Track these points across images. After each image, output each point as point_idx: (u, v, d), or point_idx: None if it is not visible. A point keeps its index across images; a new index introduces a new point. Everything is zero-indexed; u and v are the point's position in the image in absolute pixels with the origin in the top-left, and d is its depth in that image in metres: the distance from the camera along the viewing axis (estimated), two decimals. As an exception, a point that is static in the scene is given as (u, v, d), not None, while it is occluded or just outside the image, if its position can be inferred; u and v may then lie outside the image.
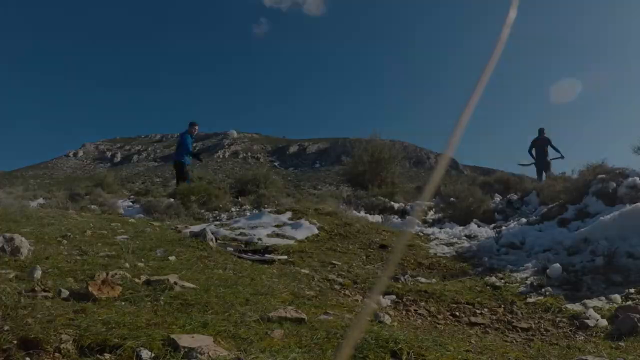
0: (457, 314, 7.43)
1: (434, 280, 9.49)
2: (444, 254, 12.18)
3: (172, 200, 22.59)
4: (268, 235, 11.80)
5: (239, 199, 24.93)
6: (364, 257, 10.92)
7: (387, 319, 6.18)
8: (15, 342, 3.50)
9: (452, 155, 0.93)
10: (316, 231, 12.55)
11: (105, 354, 3.43)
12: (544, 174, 27.27)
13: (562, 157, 27.91)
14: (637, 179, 13.92)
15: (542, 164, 27.93)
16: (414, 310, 7.48)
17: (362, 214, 18.75)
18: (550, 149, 28.36)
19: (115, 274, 5.77)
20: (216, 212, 21.99)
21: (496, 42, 1.00)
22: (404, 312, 7.34)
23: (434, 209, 21.96)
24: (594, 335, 6.42)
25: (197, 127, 25.38)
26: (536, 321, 7.20)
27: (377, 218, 18.77)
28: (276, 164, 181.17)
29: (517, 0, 1.06)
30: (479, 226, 17.54)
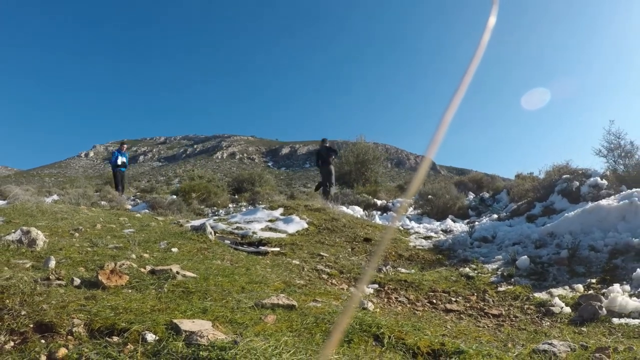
0: (434, 301, 7.44)
1: (413, 270, 9.51)
2: (422, 246, 12.20)
3: (174, 197, 22.57)
4: (262, 229, 11.80)
5: (236, 196, 24.91)
6: (350, 250, 10.93)
7: (370, 306, 6.19)
8: (31, 325, 3.50)
9: (434, 156, 0.93)
10: (306, 225, 12.56)
11: (113, 336, 3.43)
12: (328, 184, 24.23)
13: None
14: (598, 179, 14.03)
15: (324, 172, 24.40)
16: (395, 298, 7.49)
17: (348, 210, 18.75)
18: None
19: (123, 264, 5.76)
20: (215, 208, 22.01)
21: (477, 46, 1.00)
22: (385, 300, 7.35)
23: (413, 206, 22.03)
24: (559, 321, 6.44)
25: (125, 146, 26.57)
26: (506, 308, 7.22)
27: (361, 213, 18.79)
28: (270, 164, 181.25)
29: (497, 8, 1.06)
30: (454, 221, 17.67)
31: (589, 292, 7.54)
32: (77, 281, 4.83)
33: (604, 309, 6.35)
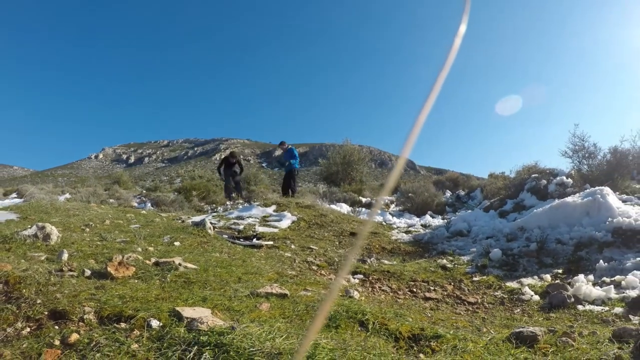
0: (415, 290, 7.46)
1: (395, 262, 9.53)
2: (403, 240, 12.23)
3: (177, 195, 22.53)
4: (257, 225, 11.80)
5: (233, 194, 24.90)
6: (337, 243, 10.94)
7: (356, 295, 6.20)
8: (46, 313, 3.50)
9: (408, 156, 0.93)
10: (297, 221, 12.57)
11: (121, 323, 3.43)
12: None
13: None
14: (564, 177, 14.11)
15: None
16: (379, 287, 7.50)
17: (336, 207, 18.76)
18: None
19: (130, 256, 5.76)
20: (214, 205, 21.97)
21: (448, 51, 1.00)
22: (370, 289, 7.37)
23: (395, 203, 22.07)
24: (529, 308, 6.48)
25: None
26: (480, 296, 7.25)
27: (348, 209, 18.81)
28: (264, 165, 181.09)
29: (467, 17, 1.06)
30: (432, 217, 17.73)
31: (556, 281, 7.58)
32: (88, 272, 4.83)
33: (571, 296, 6.39)
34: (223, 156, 21.79)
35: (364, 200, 22.30)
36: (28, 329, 3.32)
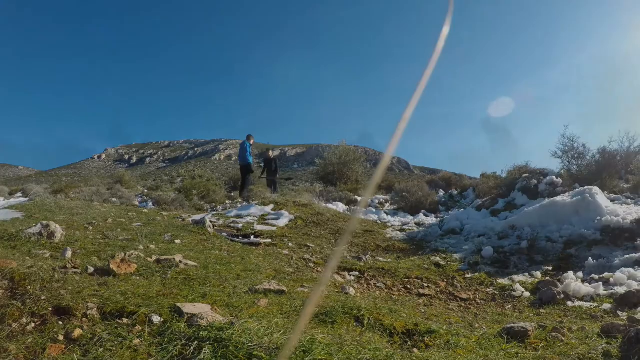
0: (409, 286, 7.47)
1: (389, 259, 9.53)
2: (398, 238, 12.22)
3: (178, 194, 22.52)
4: (255, 223, 11.80)
5: (232, 194, 24.85)
6: (333, 241, 10.93)
7: (351, 291, 6.21)
8: (50, 309, 3.50)
9: (393, 153, 0.94)
10: (294, 220, 12.57)
11: (123, 318, 3.44)
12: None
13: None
14: (554, 177, 14.13)
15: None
16: (374, 283, 7.50)
17: (332, 206, 18.74)
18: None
19: (132, 254, 5.75)
20: (213, 204, 21.96)
21: (432, 53, 1.01)
22: (365, 286, 7.37)
23: (389, 202, 22.06)
24: (520, 304, 6.49)
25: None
26: (473, 293, 7.26)
27: (344, 208, 18.80)
28: (262, 165, 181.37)
29: (450, 19, 1.07)
30: (426, 216, 17.71)
31: (546, 278, 7.60)
32: (91, 269, 4.83)
33: (561, 293, 6.41)
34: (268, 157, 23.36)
35: (359, 199, 22.29)
36: (33, 325, 3.33)
